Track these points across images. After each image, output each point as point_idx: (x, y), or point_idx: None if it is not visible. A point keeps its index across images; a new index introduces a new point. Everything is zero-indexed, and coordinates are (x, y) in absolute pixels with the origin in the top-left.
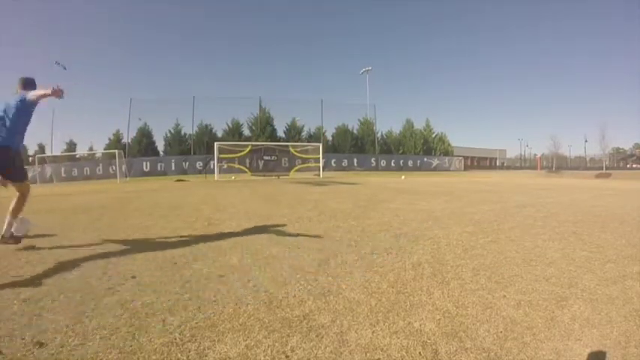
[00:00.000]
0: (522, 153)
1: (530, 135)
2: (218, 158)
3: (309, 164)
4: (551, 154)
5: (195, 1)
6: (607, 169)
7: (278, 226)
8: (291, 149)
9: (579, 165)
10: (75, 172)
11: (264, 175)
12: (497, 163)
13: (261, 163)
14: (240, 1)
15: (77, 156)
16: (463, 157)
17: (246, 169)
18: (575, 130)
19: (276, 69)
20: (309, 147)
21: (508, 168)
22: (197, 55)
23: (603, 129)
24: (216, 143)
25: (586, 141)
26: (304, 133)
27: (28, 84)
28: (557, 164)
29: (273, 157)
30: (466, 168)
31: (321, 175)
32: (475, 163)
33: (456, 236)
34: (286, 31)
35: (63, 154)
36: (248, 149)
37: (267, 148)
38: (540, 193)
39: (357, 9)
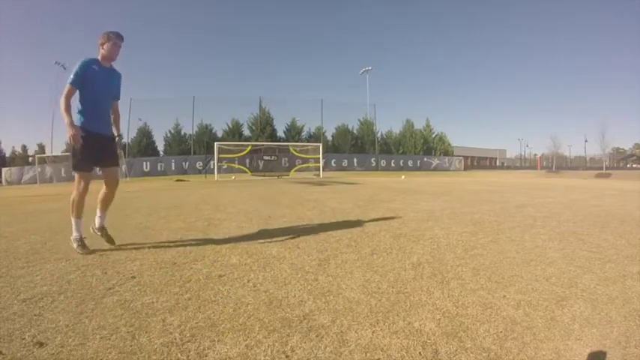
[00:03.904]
0: (522, 153)
1: (530, 135)
2: (218, 158)
3: (309, 164)
4: (551, 154)
5: (196, 1)
6: (607, 169)
7: (278, 226)
8: (291, 149)
9: (579, 165)
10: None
11: (264, 175)
12: (497, 163)
13: (261, 163)
14: (240, 1)
15: None
16: (463, 157)
17: (246, 169)
18: (575, 130)
19: (276, 68)
20: (309, 147)
21: (508, 168)
22: (197, 55)
23: (603, 129)
24: (216, 143)
25: (586, 141)
26: (304, 133)
27: (104, 40)
28: (557, 164)
29: (273, 157)
30: (466, 168)
31: (321, 175)
32: (475, 163)
33: (456, 236)
34: (287, 31)
35: (63, 154)
36: (248, 149)
37: (267, 148)
38: (540, 193)
39: (357, 9)
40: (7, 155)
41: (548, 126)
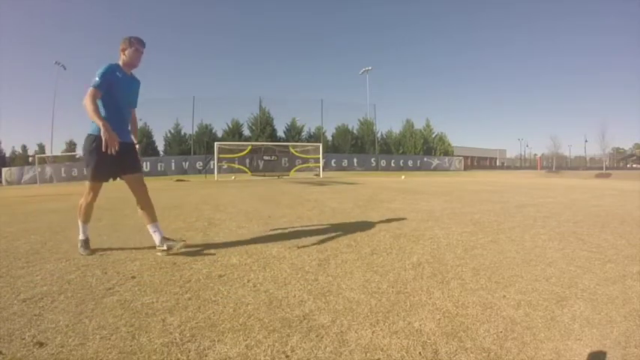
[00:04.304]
0: (522, 153)
1: (530, 135)
2: (218, 158)
3: (309, 164)
4: (551, 154)
5: (196, 1)
6: (607, 169)
7: (278, 225)
8: (291, 149)
9: (579, 165)
10: (75, 172)
11: (264, 175)
12: (497, 163)
13: (261, 163)
14: (240, 1)
15: (77, 156)
16: (463, 157)
17: (246, 169)
18: (575, 130)
19: (276, 68)
20: (309, 147)
21: (508, 168)
22: (197, 55)
23: (603, 129)
24: (216, 143)
25: (586, 141)
26: (304, 133)
27: (125, 46)
28: (557, 164)
29: (273, 157)
30: (466, 168)
31: (321, 175)
32: (475, 163)
33: (456, 236)
34: (287, 31)
35: (63, 154)
36: (248, 149)
37: (267, 148)
38: (540, 193)
39: (357, 9)
40: (7, 155)
41: (548, 126)
